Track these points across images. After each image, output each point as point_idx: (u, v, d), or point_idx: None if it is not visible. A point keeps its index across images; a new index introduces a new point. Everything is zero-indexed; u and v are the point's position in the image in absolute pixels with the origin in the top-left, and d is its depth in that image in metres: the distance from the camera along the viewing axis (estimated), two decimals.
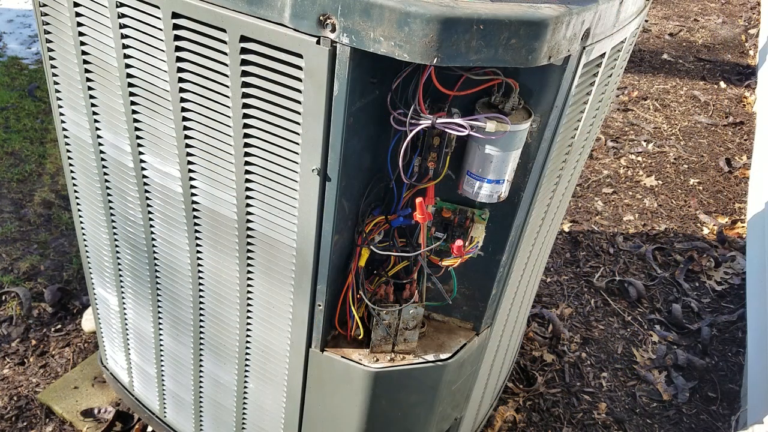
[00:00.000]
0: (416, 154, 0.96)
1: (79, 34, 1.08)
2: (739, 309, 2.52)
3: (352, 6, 0.74)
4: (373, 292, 1.11)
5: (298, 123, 0.88)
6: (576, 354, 2.28)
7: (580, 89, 1.00)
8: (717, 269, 2.75)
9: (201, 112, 0.98)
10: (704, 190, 3.25)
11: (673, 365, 2.27)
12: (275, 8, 0.79)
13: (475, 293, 1.20)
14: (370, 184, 1.01)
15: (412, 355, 1.18)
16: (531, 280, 1.54)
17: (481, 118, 0.88)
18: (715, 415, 2.11)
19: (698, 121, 3.85)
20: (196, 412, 1.56)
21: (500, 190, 0.97)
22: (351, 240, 1.05)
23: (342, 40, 0.77)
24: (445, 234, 1.08)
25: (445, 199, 1.06)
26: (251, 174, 0.99)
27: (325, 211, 0.96)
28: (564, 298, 2.51)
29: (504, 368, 1.85)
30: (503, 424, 1.99)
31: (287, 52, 0.82)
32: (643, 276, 2.66)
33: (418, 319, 1.13)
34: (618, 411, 2.10)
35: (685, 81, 4.28)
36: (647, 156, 3.47)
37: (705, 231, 2.96)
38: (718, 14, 5.40)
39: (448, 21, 0.72)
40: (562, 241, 2.79)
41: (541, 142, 0.96)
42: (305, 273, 1.05)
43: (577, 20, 0.81)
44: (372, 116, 0.92)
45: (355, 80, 0.82)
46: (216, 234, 1.14)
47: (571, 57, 0.86)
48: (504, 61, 0.78)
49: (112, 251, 1.43)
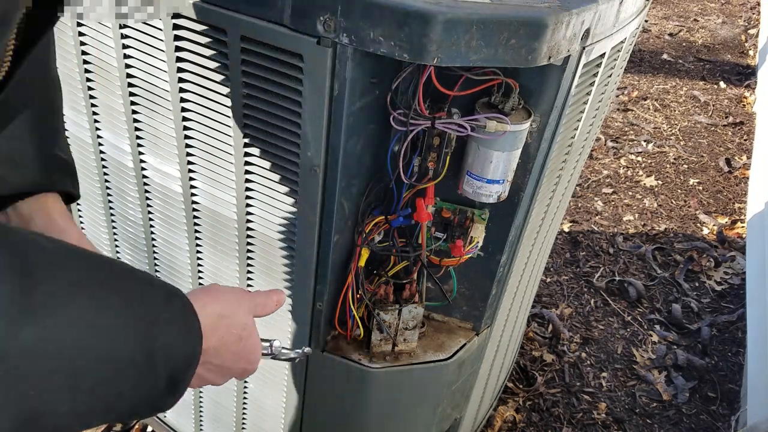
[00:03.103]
0: (416, 154, 0.96)
1: (79, 34, 1.08)
2: (739, 309, 2.52)
3: (352, 6, 0.74)
4: (373, 292, 1.11)
5: (298, 123, 0.88)
6: (576, 354, 2.28)
7: (580, 89, 1.00)
8: (717, 269, 2.75)
9: (201, 112, 0.98)
10: (704, 190, 3.25)
11: (673, 365, 2.27)
12: (275, 8, 0.79)
13: (474, 293, 1.20)
14: (370, 184, 1.01)
15: (412, 355, 1.18)
16: (531, 280, 1.54)
17: (481, 118, 0.88)
18: (715, 415, 2.11)
19: (698, 121, 3.85)
20: (196, 412, 1.56)
21: (500, 190, 0.97)
22: (351, 240, 1.05)
23: (342, 40, 0.77)
24: (445, 234, 1.08)
25: (445, 199, 1.06)
26: (251, 174, 0.99)
27: (325, 211, 0.96)
28: (564, 298, 2.52)
29: (504, 368, 1.85)
30: (503, 424, 1.99)
31: (287, 53, 0.82)
32: (643, 276, 2.66)
33: (418, 319, 1.13)
34: (618, 411, 2.10)
35: (685, 81, 4.28)
36: (647, 156, 3.47)
37: (705, 231, 2.96)
38: (718, 14, 5.40)
39: (448, 21, 0.72)
40: (562, 241, 2.79)
41: (541, 142, 0.96)
42: (305, 273, 1.05)
43: (577, 20, 0.81)
44: (372, 116, 0.92)
45: (355, 80, 0.82)
46: (216, 234, 1.14)
47: (571, 57, 0.86)
48: (504, 61, 0.78)
49: (112, 251, 1.43)
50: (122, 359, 0.48)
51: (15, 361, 0.40)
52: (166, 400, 0.54)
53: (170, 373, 0.52)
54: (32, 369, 0.41)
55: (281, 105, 0.88)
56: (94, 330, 0.45)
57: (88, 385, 0.46)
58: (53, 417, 0.44)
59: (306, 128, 0.87)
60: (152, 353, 0.50)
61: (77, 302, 0.44)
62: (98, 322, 0.45)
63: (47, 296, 0.41)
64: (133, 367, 0.49)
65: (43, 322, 0.41)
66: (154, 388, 0.51)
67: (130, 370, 0.49)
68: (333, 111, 0.84)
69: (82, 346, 0.44)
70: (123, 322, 0.47)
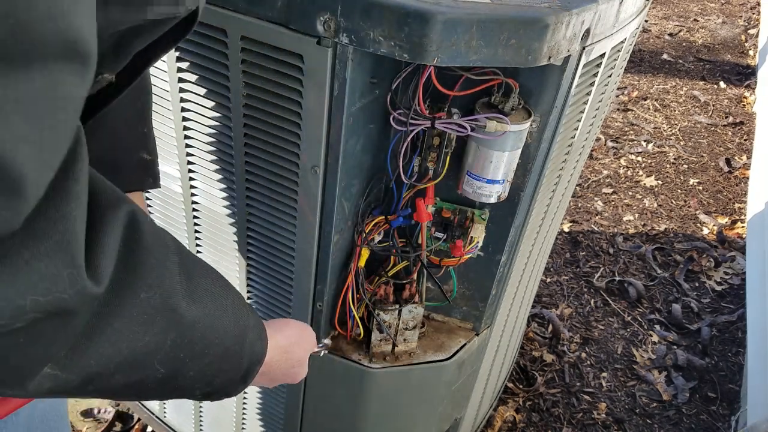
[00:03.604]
0: (416, 154, 0.96)
1: None
2: (739, 309, 2.52)
3: (352, 6, 0.74)
4: (373, 292, 1.11)
5: (299, 123, 0.88)
6: (576, 354, 2.28)
7: (580, 89, 1.00)
8: (717, 269, 2.75)
9: (201, 113, 0.98)
10: (704, 190, 3.25)
11: (673, 365, 2.27)
12: (275, 8, 0.79)
13: (474, 293, 1.20)
14: (370, 184, 1.01)
15: (412, 356, 1.18)
16: (531, 280, 1.54)
17: (481, 118, 0.88)
18: (715, 415, 2.11)
19: (698, 121, 3.85)
20: (196, 412, 1.56)
21: (500, 190, 0.97)
22: (351, 240, 1.05)
23: (342, 40, 0.77)
24: (445, 234, 1.08)
25: (445, 199, 1.06)
26: (251, 174, 0.99)
27: (325, 211, 0.96)
28: (564, 298, 2.51)
29: (504, 368, 1.85)
30: (503, 424, 1.99)
31: (287, 53, 0.82)
32: (643, 276, 2.66)
33: (418, 320, 1.13)
34: (618, 411, 2.10)
35: (685, 81, 4.28)
36: (647, 156, 3.47)
37: (705, 231, 2.96)
38: (718, 14, 5.40)
39: (448, 21, 0.72)
40: (562, 241, 2.79)
41: (541, 142, 0.96)
42: (305, 273, 1.05)
43: (577, 20, 0.81)
44: (372, 116, 0.92)
45: (355, 80, 0.82)
46: (216, 234, 1.14)
47: (571, 57, 0.86)
48: (504, 61, 0.78)
49: None
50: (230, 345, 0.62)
51: (184, 329, 0.55)
52: (238, 387, 0.68)
53: (247, 366, 0.66)
54: (190, 337, 0.56)
55: (281, 105, 0.88)
56: (221, 319, 0.60)
57: (210, 359, 0.60)
58: (183, 379, 0.58)
59: (306, 128, 0.87)
60: (243, 346, 0.64)
61: (214, 298, 0.59)
62: (223, 314, 0.60)
63: (201, 291, 0.57)
64: (233, 353, 0.63)
65: (200, 307, 0.57)
66: (236, 373, 0.66)
67: (230, 354, 0.63)
68: (333, 111, 0.84)
69: (215, 328, 0.59)
70: (233, 318, 0.62)
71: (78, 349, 0.47)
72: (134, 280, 0.48)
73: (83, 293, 0.43)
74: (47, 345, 0.44)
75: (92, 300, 0.44)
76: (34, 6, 0.31)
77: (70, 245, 0.40)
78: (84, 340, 0.46)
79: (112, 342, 0.48)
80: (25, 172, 0.34)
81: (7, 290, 0.38)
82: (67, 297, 0.41)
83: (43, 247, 0.39)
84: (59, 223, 0.39)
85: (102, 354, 0.48)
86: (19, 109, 0.33)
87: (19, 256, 0.38)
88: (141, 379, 0.54)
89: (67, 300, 0.41)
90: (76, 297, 0.42)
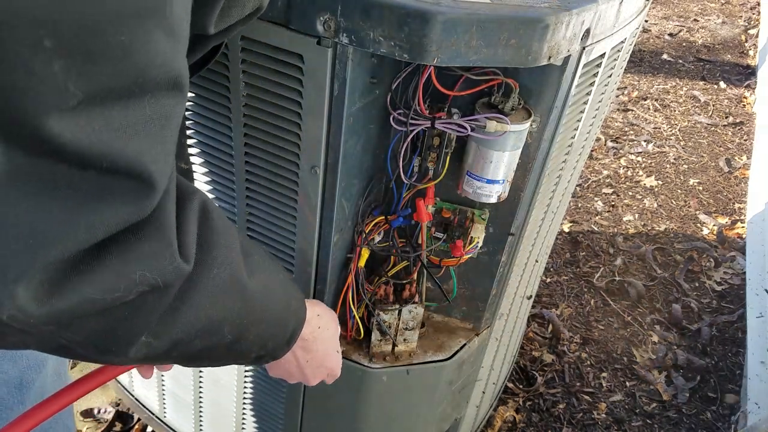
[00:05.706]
0: (416, 154, 0.96)
1: None
2: (739, 309, 2.52)
3: (352, 6, 0.74)
4: (373, 292, 1.11)
5: (298, 123, 0.88)
6: (576, 354, 2.28)
7: (580, 89, 1.00)
8: (717, 269, 2.75)
9: (201, 113, 0.98)
10: (704, 191, 3.25)
11: (673, 365, 2.27)
12: (275, 8, 0.79)
13: (474, 293, 1.20)
14: (370, 184, 1.01)
15: (412, 356, 1.18)
16: (531, 280, 1.54)
17: (481, 118, 0.88)
18: (715, 415, 2.11)
19: (698, 121, 3.85)
20: (196, 412, 1.56)
21: (500, 190, 0.97)
22: (351, 240, 1.05)
23: (342, 40, 0.77)
24: (445, 234, 1.08)
25: (445, 199, 1.06)
26: (251, 174, 0.99)
27: (325, 211, 0.96)
28: (564, 299, 2.52)
29: (504, 368, 1.85)
30: (503, 424, 1.99)
31: (287, 53, 0.82)
32: (643, 276, 2.66)
33: (418, 319, 1.13)
34: (618, 411, 2.10)
35: (685, 81, 4.28)
36: (647, 156, 3.47)
37: (705, 231, 2.96)
38: (718, 14, 5.40)
39: (448, 21, 0.72)
40: (561, 241, 2.79)
41: (541, 142, 0.96)
42: (305, 273, 1.05)
43: (577, 20, 0.81)
44: (372, 116, 0.92)
45: (355, 80, 0.82)
46: None
47: (571, 57, 0.86)
48: (504, 61, 0.78)
49: None
50: (280, 310, 0.73)
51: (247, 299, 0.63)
52: (284, 349, 0.77)
53: (291, 331, 0.77)
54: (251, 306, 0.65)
55: (281, 105, 0.88)
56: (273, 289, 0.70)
57: (266, 325, 0.70)
58: (245, 342, 0.67)
59: (306, 128, 0.87)
60: (289, 311, 0.75)
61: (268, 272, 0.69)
62: (275, 285, 0.71)
63: (256, 266, 0.66)
64: (282, 317, 0.74)
65: (258, 279, 0.66)
66: (283, 337, 0.76)
67: (281, 318, 0.74)
68: (333, 111, 0.84)
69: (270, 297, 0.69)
70: (282, 289, 0.73)
71: (168, 319, 0.54)
72: (209, 258, 0.57)
73: (179, 269, 0.51)
74: (147, 315, 0.52)
75: (183, 276, 0.53)
76: (152, 62, 0.41)
77: (167, 229, 0.49)
78: (173, 311, 0.54)
79: (193, 312, 0.56)
80: (155, 177, 0.45)
81: (124, 266, 0.46)
82: (167, 272, 0.50)
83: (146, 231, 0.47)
84: (158, 211, 0.48)
85: (185, 323, 0.56)
86: (150, 130, 0.44)
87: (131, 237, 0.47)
88: (214, 344, 0.62)
89: (166, 275, 0.50)
90: (174, 273, 0.51)
